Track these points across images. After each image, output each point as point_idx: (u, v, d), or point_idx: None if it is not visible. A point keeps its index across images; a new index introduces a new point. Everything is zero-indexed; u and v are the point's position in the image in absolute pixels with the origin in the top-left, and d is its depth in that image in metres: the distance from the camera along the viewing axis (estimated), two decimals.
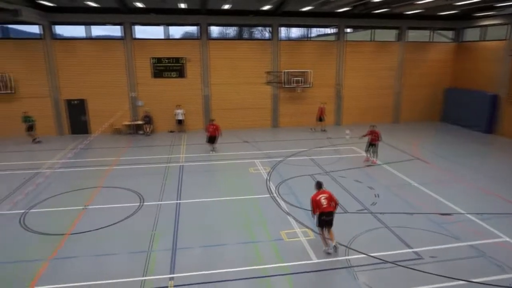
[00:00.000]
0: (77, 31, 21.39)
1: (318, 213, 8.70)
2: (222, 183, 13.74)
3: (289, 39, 23.63)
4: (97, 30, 21.58)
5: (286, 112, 23.92)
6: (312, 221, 10.13)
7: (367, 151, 16.36)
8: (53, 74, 20.91)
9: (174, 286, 7.60)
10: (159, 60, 21.69)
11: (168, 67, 21.85)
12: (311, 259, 8.57)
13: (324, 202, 8.69)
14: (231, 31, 23.67)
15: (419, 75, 24.98)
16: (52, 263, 8.50)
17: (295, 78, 22.64)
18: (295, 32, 24.15)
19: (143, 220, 10.64)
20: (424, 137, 21.06)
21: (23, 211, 11.21)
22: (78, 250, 9.07)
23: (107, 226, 10.25)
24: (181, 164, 15.97)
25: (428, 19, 23.54)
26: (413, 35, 24.64)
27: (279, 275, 7.99)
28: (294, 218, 10.67)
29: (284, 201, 11.90)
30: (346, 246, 9.07)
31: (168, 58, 21.75)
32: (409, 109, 25.36)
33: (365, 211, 11.21)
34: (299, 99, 23.76)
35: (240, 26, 23.27)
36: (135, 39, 21.40)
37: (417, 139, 20.41)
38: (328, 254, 8.74)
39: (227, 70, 22.56)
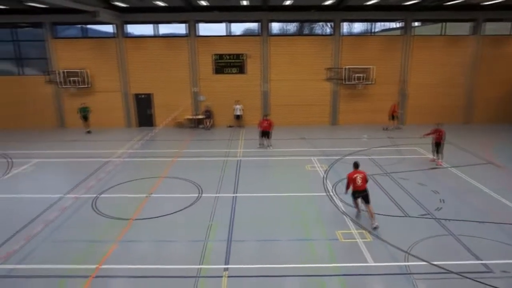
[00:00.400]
0: (146, 29, 22.70)
1: (352, 190, 10.03)
2: (278, 179, 13.80)
3: (351, 35, 22.92)
4: (164, 28, 22.72)
5: (346, 109, 23.29)
6: (369, 222, 9.84)
7: (433, 151, 15.41)
8: (123, 70, 22.46)
9: (228, 276, 7.82)
10: (220, 56, 22.28)
11: (229, 63, 22.37)
12: (367, 262, 8.30)
13: (359, 181, 9.88)
14: (292, 27, 23.54)
15: (496, 72, 22.85)
16: (119, 245, 9.19)
17: (356, 75, 21.94)
18: (358, 27, 23.34)
19: (201, 211, 11.06)
20: (499, 140, 19.27)
21: (95, 195, 12.24)
22: (141, 234, 9.69)
23: (167, 214, 10.82)
24: (239, 158, 16.31)
25: (509, 9, 21.38)
26: (490, 27, 22.57)
27: (332, 275, 7.85)
28: (351, 219, 10.40)
29: (341, 200, 11.64)
30: (406, 252, 8.64)
31: (229, 55, 22.26)
32: (483, 109, 23.36)
33: (428, 216, 10.57)
34: (360, 96, 23.01)
35: (301, 22, 23.03)
36: (199, 36, 22.19)
37: (490, 142, 18.74)
38: (357, 218, 10.28)
39: (287, 66, 22.51)
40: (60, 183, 13.94)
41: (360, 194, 9.94)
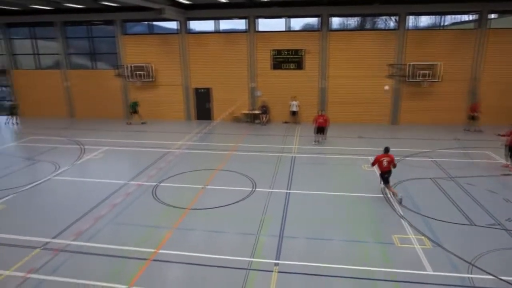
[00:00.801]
0: (207, 25, 23.36)
1: (380, 171, 11.42)
2: (333, 178, 13.53)
3: (417, 29, 21.62)
4: (224, 24, 23.22)
5: (408, 108, 22.10)
6: (429, 228, 9.31)
7: (506, 155, 14.12)
8: (185, 65, 23.37)
9: (279, 272, 7.85)
10: (279, 52, 22.27)
11: (287, 59, 22.28)
12: (425, 270, 7.86)
13: (385, 163, 11.25)
14: (352, 21, 22.78)
15: None
16: (175, 232, 9.64)
17: (421, 72, 20.69)
18: (425, 20, 21.94)
19: (254, 205, 11.20)
20: None
21: (155, 184, 12.93)
22: (196, 224, 10.07)
23: (222, 206, 11.11)
24: (293, 155, 16.24)
25: None
26: None
27: (387, 280, 7.55)
28: (409, 223, 9.89)
29: (399, 203, 11.12)
30: (470, 263, 8.04)
31: (287, 50, 22.16)
32: None
33: (498, 226, 9.72)
34: (424, 94, 21.70)
35: (363, 16, 22.21)
36: (258, 32, 22.35)
37: None
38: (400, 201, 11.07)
39: (346, 62, 21.89)
40: (125, 170, 14.94)
41: (387, 174, 11.38)
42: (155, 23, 23.74)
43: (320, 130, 17.55)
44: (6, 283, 7.56)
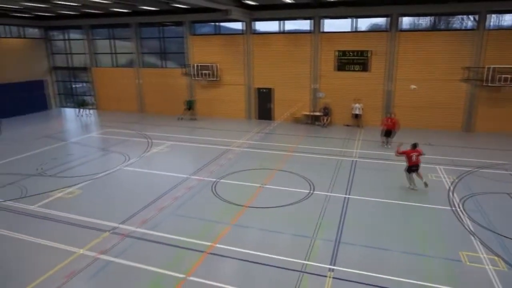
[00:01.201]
0: (271, 26, 23.52)
1: (408, 165, 12.26)
2: (396, 185, 12.88)
3: (500, 28, 19.73)
4: (288, 25, 23.19)
5: (485, 114, 20.28)
6: (504, 248, 8.50)
7: None
8: (249, 65, 23.77)
9: (333, 277, 7.68)
10: (343, 53, 21.73)
11: (352, 60, 21.66)
12: None
13: (414, 158, 12.12)
14: (424, 21, 21.43)
15: None
16: (232, 228, 9.87)
17: (502, 76, 18.85)
18: (509, 19, 19.92)
19: (311, 207, 11.07)
20: None
21: (215, 179, 13.34)
22: (253, 222, 10.21)
23: (278, 206, 11.14)
24: (354, 159, 15.76)
25: None
26: None
27: None
28: (481, 241, 9.09)
29: (470, 218, 10.27)
30: None
31: (352, 51, 21.53)
32: None
33: None
34: (505, 100, 19.76)
35: (437, 15, 20.79)
36: (323, 32, 22.01)
37: None
38: (414, 190, 12.13)
39: (416, 64, 20.69)
40: (187, 165, 15.61)
41: (415, 167, 12.19)
42: (221, 24, 24.46)
43: (388, 133, 16.91)
44: (80, 260, 8.31)
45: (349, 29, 21.82)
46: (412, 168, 12.24)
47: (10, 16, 25.80)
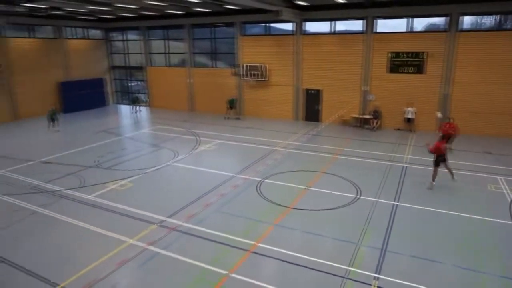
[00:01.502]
0: (322, 27, 23.19)
1: (436, 156, 12.42)
2: (450, 195, 12.15)
3: None
4: (340, 25, 22.72)
5: None
6: None
7: None
8: (298, 66, 23.64)
9: (378, 286, 7.41)
10: (397, 54, 20.88)
11: (405, 61, 20.75)
12: None
13: (444, 149, 12.54)
14: (488, 20, 19.92)
15: None
16: (275, 228, 9.87)
17: None
18: None
19: (357, 213, 10.77)
20: None
21: (260, 179, 13.42)
22: (296, 224, 10.13)
23: (323, 209, 10.97)
24: (404, 165, 15.09)
25: None
26: None
27: None
28: None
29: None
30: None
31: (407, 53, 20.62)
32: None
33: None
34: None
35: (504, 14, 19.22)
36: (375, 33, 21.31)
37: None
38: (430, 189, 12.36)
39: (477, 66, 19.34)
40: (233, 163, 15.86)
41: (442, 157, 12.43)
42: (271, 24, 24.55)
43: (447, 138, 15.97)
44: (130, 249, 8.75)
45: (404, 30, 20.93)
46: (439, 157, 12.43)
47: (77, 19, 27.80)
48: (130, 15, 26.68)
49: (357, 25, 22.07)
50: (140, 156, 16.76)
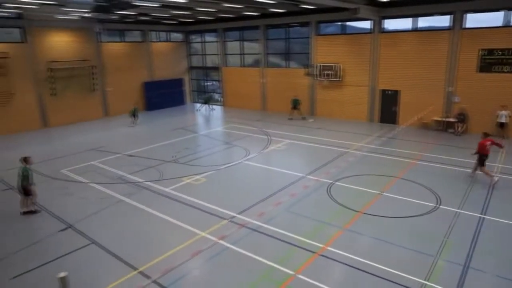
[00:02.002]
0: (402, 24, 21.89)
1: (480, 154, 12.46)
2: None
3: None
4: (422, 22, 21.23)
5: None
6: None
7: None
8: (374, 66, 22.63)
9: None
10: (490, 52, 18.86)
11: (500, 60, 18.62)
12: None
13: (488, 147, 12.44)
14: None
15: None
16: (345, 232, 9.57)
17: None
18: None
19: (435, 223, 9.98)
20: None
21: (331, 181, 13.12)
22: (367, 229, 9.71)
23: (397, 217, 10.36)
24: (495, 175, 13.59)
25: None
26: None
27: None
28: None
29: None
30: None
31: (502, 50, 18.49)
32: None
33: None
34: None
35: None
36: (464, 28, 19.51)
37: None
38: (471, 177, 12.92)
39: None
40: (304, 164, 15.74)
41: (485, 157, 12.46)
42: (347, 23, 23.84)
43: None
44: (201, 242, 9.15)
45: (499, 24, 18.84)
46: (483, 156, 12.48)
47: (161, 23, 29.88)
48: (209, 18, 27.88)
49: (442, 21, 20.42)
50: (213, 153, 17.45)
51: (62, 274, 4.24)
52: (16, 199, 11.68)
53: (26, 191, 11.01)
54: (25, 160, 11.19)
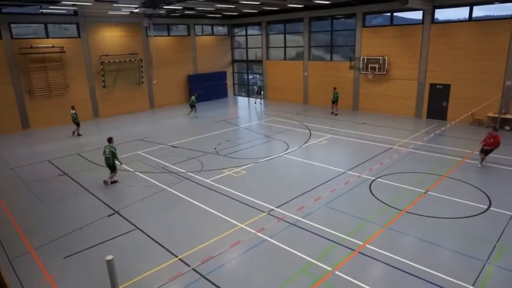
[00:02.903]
0: (456, 13, 20.59)
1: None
2: None
3: None
4: (479, 11, 19.82)
5: None
6: None
7: None
8: (424, 58, 21.54)
9: None
10: None
11: None
12: None
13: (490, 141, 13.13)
14: None
15: None
16: (386, 231, 9.28)
17: None
18: None
19: (486, 226, 9.40)
20: None
21: (373, 178, 12.75)
22: (410, 229, 9.35)
23: (443, 218, 9.87)
24: None
25: None
26: None
27: None
28: None
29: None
30: None
31: None
32: None
33: None
34: None
35: None
36: None
37: None
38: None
39: None
40: (345, 159, 15.41)
41: (486, 149, 13.21)
42: (395, 14, 22.83)
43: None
44: (239, 233, 9.29)
45: None
46: (483, 148, 13.19)
47: (206, 17, 30.37)
48: (252, 11, 27.91)
49: (503, 10, 18.94)
50: (254, 146, 17.56)
51: (109, 257, 4.49)
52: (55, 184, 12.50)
53: (111, 166, 12.83)
54: (109, 140, 12.93)
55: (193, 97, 24.85)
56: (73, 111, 20.25)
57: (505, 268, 7.65)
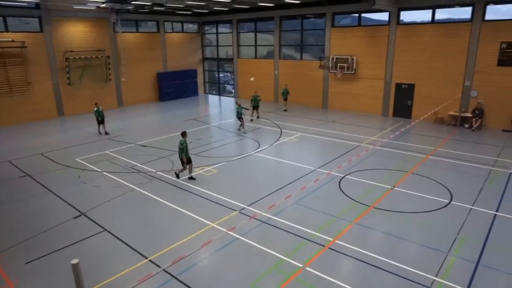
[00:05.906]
0: (420, 15, 21.38)
1: None
2: None
3: None
4: (442, 14, 20.69)
5: None
6: None
7: None
8: (390, 59, 22.24)
9: None
10: (510, 45, 18.34)
11: None
12: None
13: None
14: None
15: None
16: (355, 227, 9.53)
17: None
18: None
19: (448, 219, 9.85)
20: None
21: (342, 175, 13.04)
22: (378, 224, 9.64)
23: (409, 212, 10.26)
24: (511, 171, 13.32)
25: None
26: None
27: None
28: None
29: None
30: None
31: None
32: None
33: None
34: None
35: None
36: (485, 21, 18.95)
37: None
38: None
39: None
40: (315, 157, 15.66)
41: None
42: (363, 15, 23.42)
43: None
44: (211, 232, 9.24)
45: None
46: None
47: (175, 14, 29.88)
48: (223, 8, 27.76)
49: (462, 13, 19.88)
50: (225, 144, 17.51)
51: (74, 261, 4.34)
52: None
53: (183, 161, 12.76)
54: (182, 134, 12.90)
55: (237, 107, 19.70)
56: (99, 108, 19.32)
57: (465, 259, 8.05)
